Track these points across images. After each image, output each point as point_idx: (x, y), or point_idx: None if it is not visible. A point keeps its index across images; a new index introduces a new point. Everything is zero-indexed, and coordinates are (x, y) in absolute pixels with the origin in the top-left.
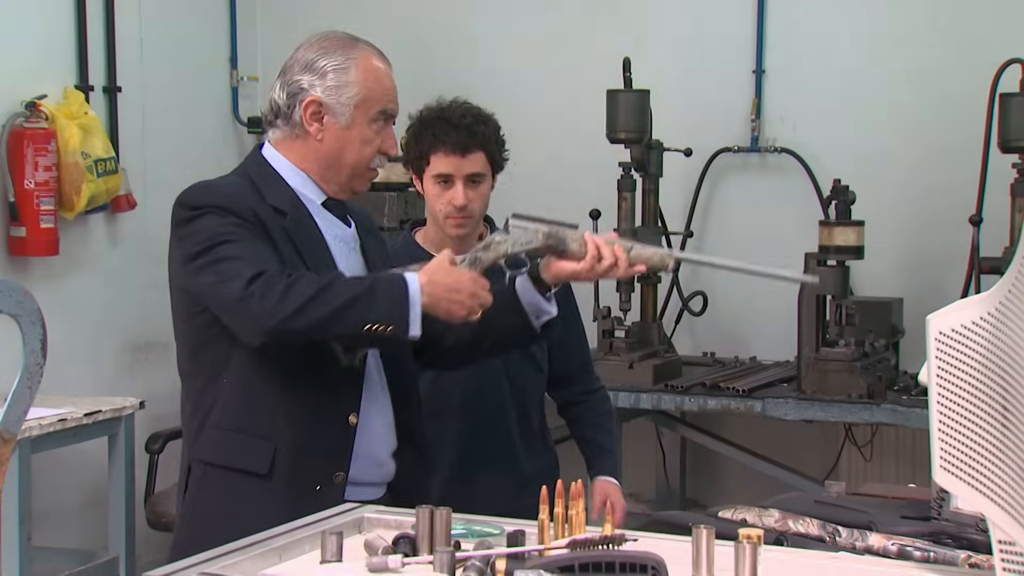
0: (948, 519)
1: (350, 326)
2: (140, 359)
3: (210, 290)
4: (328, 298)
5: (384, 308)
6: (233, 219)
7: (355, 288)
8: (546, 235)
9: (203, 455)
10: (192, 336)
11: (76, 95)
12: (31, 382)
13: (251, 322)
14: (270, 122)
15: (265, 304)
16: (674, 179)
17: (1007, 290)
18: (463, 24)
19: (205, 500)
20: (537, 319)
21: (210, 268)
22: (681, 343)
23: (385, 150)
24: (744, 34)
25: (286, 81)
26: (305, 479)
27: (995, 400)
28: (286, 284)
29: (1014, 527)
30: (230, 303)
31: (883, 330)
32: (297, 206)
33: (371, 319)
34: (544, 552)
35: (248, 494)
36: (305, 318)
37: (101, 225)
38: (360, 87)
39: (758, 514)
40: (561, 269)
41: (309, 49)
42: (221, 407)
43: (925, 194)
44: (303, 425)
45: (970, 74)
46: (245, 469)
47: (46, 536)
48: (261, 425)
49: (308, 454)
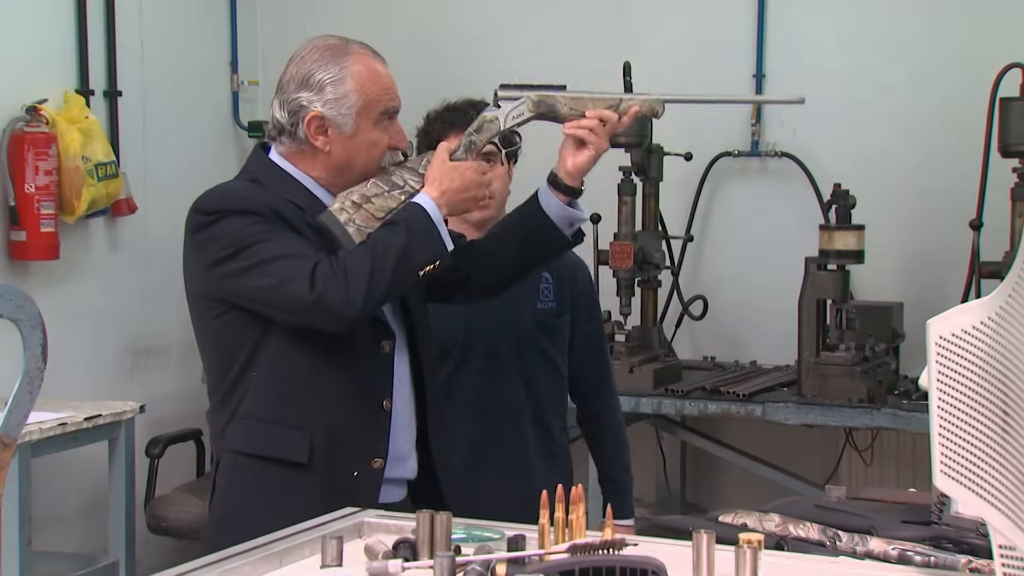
0: (949, 523)
1: (409, 279)
2: (140, 363)
3: (266, 294)
4: (381, 265)
5: (426, 248)
6: (255, 218)
7: (396, 242)
8: (535, 104)
9: (236, 445)
10: (216, 336)
11: (77, 99)
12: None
13: (334, 319)
14: (273, 138)
15: (338, 297)
16: (674, 183)
17: (1007, 294)
18: (465, 28)
19: (242, 490)
20: (571, 227)
21: (255, 271)
22: (681, 347)
23: (394, 145)
24: (744, 38)
25: (285, 100)
26: (343, 466)
27: (996, 405)
28: (343, 270)
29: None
30: (303, 307)
31: (883, 334)
32: (313, 201)
33: (421, 264)
34: (544, 557)
35: (285, 483)
36: (377, 294)
37: (101, 229)
38: (359, 94)
39: (758, 518)
40: (574, 164)
41: (302, 63)
42: (252, 400)
43: (925, 198)
44: (338, 412)
45: (970, 78)
46: (282, 458)
47: (46, 540)
48: (295, 415)
49: (344, 441)
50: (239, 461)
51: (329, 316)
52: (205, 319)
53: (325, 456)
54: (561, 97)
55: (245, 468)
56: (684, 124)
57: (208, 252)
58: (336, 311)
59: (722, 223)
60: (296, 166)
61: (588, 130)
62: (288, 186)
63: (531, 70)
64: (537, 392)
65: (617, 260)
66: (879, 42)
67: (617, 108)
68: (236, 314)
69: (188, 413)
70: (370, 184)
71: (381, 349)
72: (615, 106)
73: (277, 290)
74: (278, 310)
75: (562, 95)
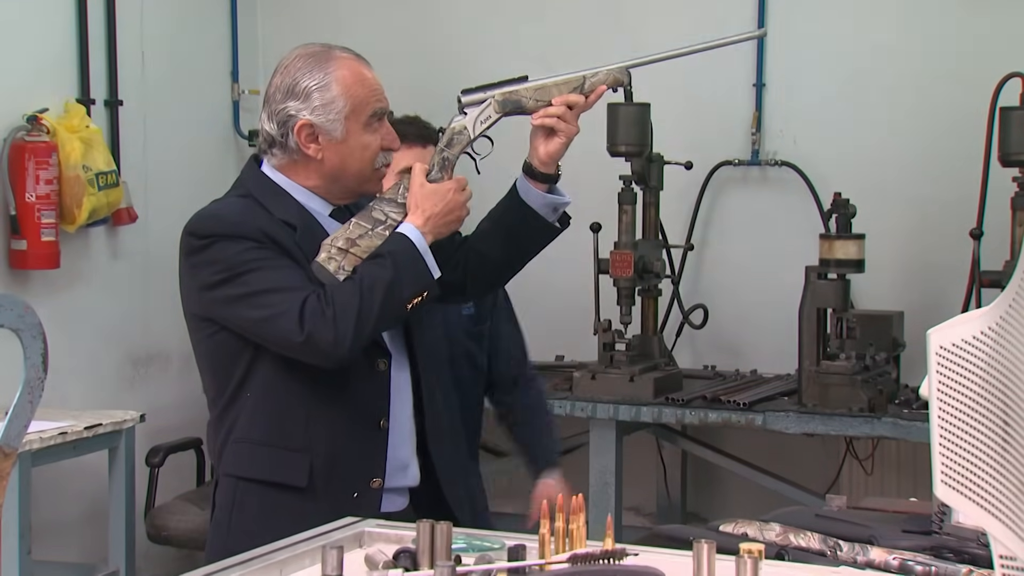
0: (949, 533)
1: (398, 313)
2: (141, 372)
3: (256, 327)
4: (370, 301)
5: (413, 280)
6: (248, 243)
7: (383, 275)
8: (500, 104)
9: (235, 470)
10: (210, 355)
11: (77, 108)
12: (32, 396)
13: (324, 357)
14: (265, 151)
15: (327, 336)
16: (675, 192)
17: (1008, 304)
18: (464, 36)
19: (242, 515)
20: (555, 212)
21: (245, 302)
22: (682, 356)
23: (387, 146)
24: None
25: (273, 111)
26: (343, 488)
27: (996, 414)
28: (331, 307)
29: (1015, 542)
30: (293, 345)
31: (884, 343)
32: (305, 218)
33: (408, 297)
34: (545, 566)
35: (286, 507)
36: (365, 331)
37: (102, 238)
38: (346, 98)
39: (759, 528)
40: (546, 152)
41: (286, 73)
42: (247, 421)
43: (926, 207)
44: (336, 435)
45: (970, 88)
46: (282, 482)
47: (46, 550)
48: (293, 438)
49: (343, 463)
50: (240, 486)
51: (319, 355)
52: (200, 337)
53: (325, 479)
54: (524, 90)
55: (246, 494)
56: (684, 133)
57: (201, 276)
58: (325, 351)
59: (722, 232)
60: (290, 178)
61: (556, 118)
62: (280, 200)
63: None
64: (463, 391)
65: (617, 269)
66: (879, 51)
67: (583, 89)
68: (229, 334)
69: (188, 422)
70: (352, 225)
71: (376, 367)
72: (580, 87)
73: (267, 324)
74: (268, 343)
75: (525, 87)
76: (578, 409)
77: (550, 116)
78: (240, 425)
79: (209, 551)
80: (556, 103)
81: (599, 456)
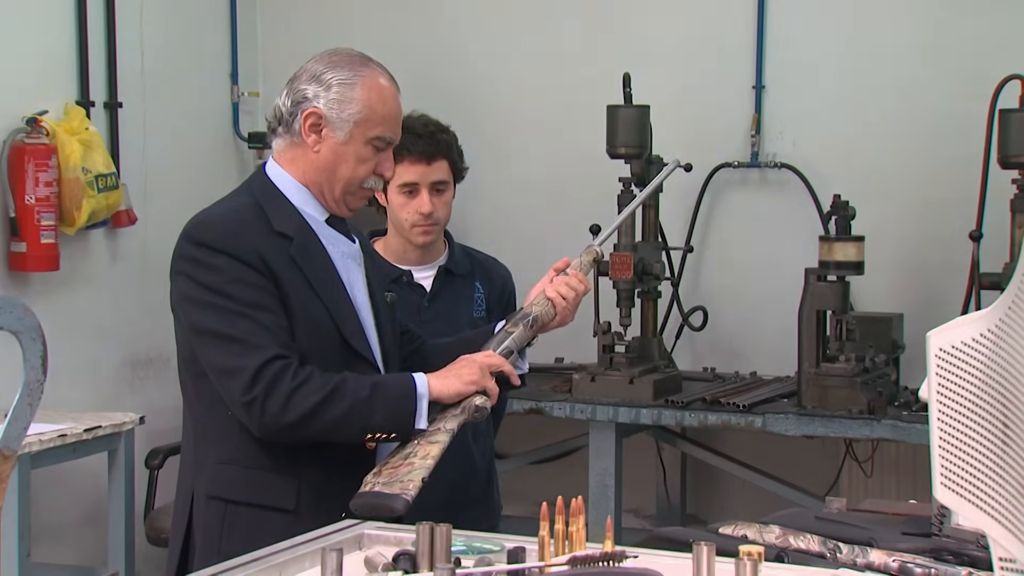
0: (949, 536)
1: (354, 435)
2: (140, 374)
3: (213, 372)
4: (331, 409)
5: (388, 416)
6: (238, 267)
7: (359, 392)
8: (528, 331)
9: (223, 492)
10: (195, 362)
11: (77, 111)
12: (32, 399)
13: (257, 425)
14: (273, 129)
15: (268, 408)
16: (674, 194)
17: (1007, 306)
18: (464, 41)
19: (231, 538)
20: (518, 371)
21: (210, 337)
22: (681, 358)
23: (381, 172)
24: (744, 49)
25: (293, 89)
26: (331, 510)
27: (996, 417)
28: (291, 387)
29: (1015, 544)
30: (233, 400)
31: (883, 345)
32: (302, 228)
33: (375, 427)
34: (544, 569)
35: (275, 529)
36: (304, 429)
37: (101, 241)
38: (363, 105)
39: (759, 530)
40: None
41: (320, 61)
42: (235, 444)
43: (925, 209)
44: (324, 458)
45: (970, 90)
46: (271, 506)
47: (45, 552)
48: (282, 462)
49: (331, 485)
50: (229, 509)
51: (253, 419)
52: (184, 342)
53: (313, 502)
54: (538, 312)
55: (235, 516)
56: (684, 135)
57: (190, 287)
58: (256, 420)
59: (722, 234)
60: (288, 171)
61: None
62: (279, 207)
63: (531, 80)
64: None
65: (617, 271)
66: (879, 53)
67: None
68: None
69: None
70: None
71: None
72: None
73: (218, 372)
74: (218, 387)
75: (539, 309)
76: (578, 411)
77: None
78: (227, 447)
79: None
80: (559, 295)
81: (598, 458)
